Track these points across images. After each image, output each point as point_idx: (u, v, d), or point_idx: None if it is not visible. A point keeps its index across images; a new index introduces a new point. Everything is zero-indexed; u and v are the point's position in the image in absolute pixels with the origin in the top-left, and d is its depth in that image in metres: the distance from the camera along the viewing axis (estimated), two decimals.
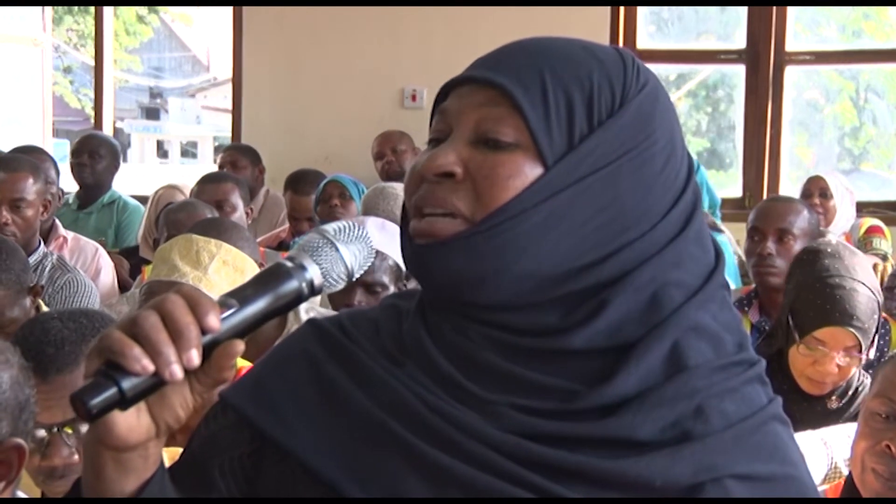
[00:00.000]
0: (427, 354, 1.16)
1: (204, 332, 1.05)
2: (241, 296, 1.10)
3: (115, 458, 1.08)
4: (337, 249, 1.15)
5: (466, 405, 1.13)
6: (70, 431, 2.03)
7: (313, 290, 1.14)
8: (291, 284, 1.12)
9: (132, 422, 1.06)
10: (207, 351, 1.06)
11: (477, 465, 1.10)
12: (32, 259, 4.20)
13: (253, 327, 1.11)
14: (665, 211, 1.16)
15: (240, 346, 1.08)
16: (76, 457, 2.02)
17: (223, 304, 1.08)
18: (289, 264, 1.13)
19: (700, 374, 1.13)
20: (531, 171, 1.13)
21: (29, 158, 4.61)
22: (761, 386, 1.18)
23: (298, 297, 1.13)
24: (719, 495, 1.10)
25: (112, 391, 1.03)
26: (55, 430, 2.02)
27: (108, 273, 4.78)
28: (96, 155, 6.13)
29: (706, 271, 1.18)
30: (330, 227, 1.17)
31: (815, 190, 5.86)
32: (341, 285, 1.16)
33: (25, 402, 1.73)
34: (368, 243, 1.18)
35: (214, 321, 1.05)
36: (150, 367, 1.03)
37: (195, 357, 1.04)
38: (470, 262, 1.13)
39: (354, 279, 1.18)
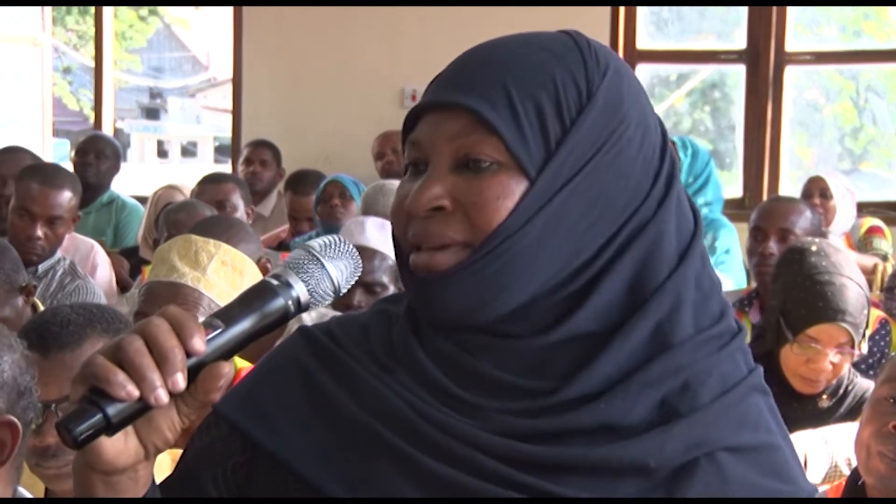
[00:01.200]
0: (417, 361, 1.16)
1: (189, 354, 1.05)
2: (226, 316, 1.10)
3: (105, 482, 1.08)
4: (323, 266, 1.14)
5: (456, 411, 1.13)
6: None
7: (300, 308, 1.13)
8: (277, 303, 1.11)
9: (120, 446, 1.06)
10: (193, 373, 1.06)
11: (468, 470, 1.10)
12: (47, 264, 4.19)
13: (239, 347, 1.10)
14: (648, 189, 1.16)
15: (226, 367, 1.07)
16: None
17: (208, 325, 1.08)
18: (274, 282, 1.12)
19: (684, 351, 1.13)
20: (517, 187, 1.12)
21: (68, 171, 4.57)
22: (742, 356, 1.18)
23: (285, 316, 1.12)
24: (713, 469, 1.10)
25: (97, 418, 1.02)
26: (52, 407, 2.01)
27: (104, 270, 4.76)
28: (102, 155, 6.15)
29: (687, 239, 1.17)
30: (316, 243, 1.16)
31: (816, 190, 5.86)
32: (328, 301, 1.16)
33: (25, 389, 1.72)
34: (355, 258, 1.17)
35: (199, 344, 1.05)
36: (136, 393, 1.02)
37: (181, 381, 1.04)
38: (475, 289, 1.12)
39: (341, 294, 1.16)
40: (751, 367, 1.19)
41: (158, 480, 1.18)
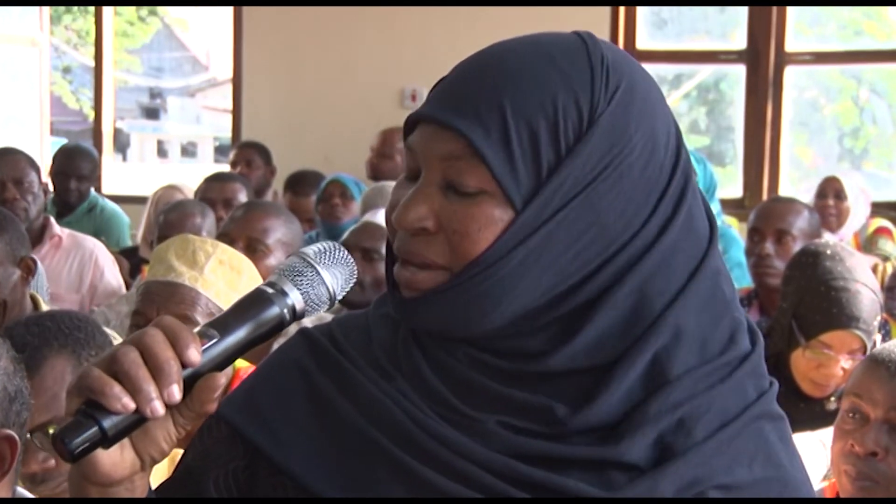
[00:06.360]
0: (417, 370, 1.16)
1: (185, 365, 1.04)
2: (221, 325, 1.09)
3: (102, 493, 1.07)
4: (318, 273, 1.13)
5: (454, 423, 1.12)
6: (44, 434, 1.97)
7: (295, 316, 1.12)
8: (273, 311, 1.10)
9: (116, 458, 1.05)
10: (189, 384, 1.05)
11: (464, 482, 1.10)
12: None
13: (235, 357, 1.09)
14: (649, 212, 1.13)
15: (221, 378, 1.06)
16: (52, 461, 1.98)
17: (203, 334, 1.07)
18: (269, 290, 1.11)
19: (682, 387, 1.11)
20: (502, 217, 1.10)
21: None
22: (753, 380, 1.15)
23: (280, 324, 1.11)
24: None
25: (93, 430, 1.02)
26: (28, 436, 1.95)
27: (112, 271, 4.65)
28: (82, 178, 6.00)
29: (699, 254, 1.15)
30: (310, 250, 1.15)
31: (830, 191, 5.82)
32: (324, 309, 1.15)
33: (17, 393, 1.71)
34: (350, 265, 1.16)
35: (195, 355, 1.04)
36: (131, 406, 1.02)
37: (176, 392, 1.03)
38: (451, 312, 1.12)
39: (337, 302, 1.16)
40: (762, 389, 1.15)
41: (156, 483, 1.18)
